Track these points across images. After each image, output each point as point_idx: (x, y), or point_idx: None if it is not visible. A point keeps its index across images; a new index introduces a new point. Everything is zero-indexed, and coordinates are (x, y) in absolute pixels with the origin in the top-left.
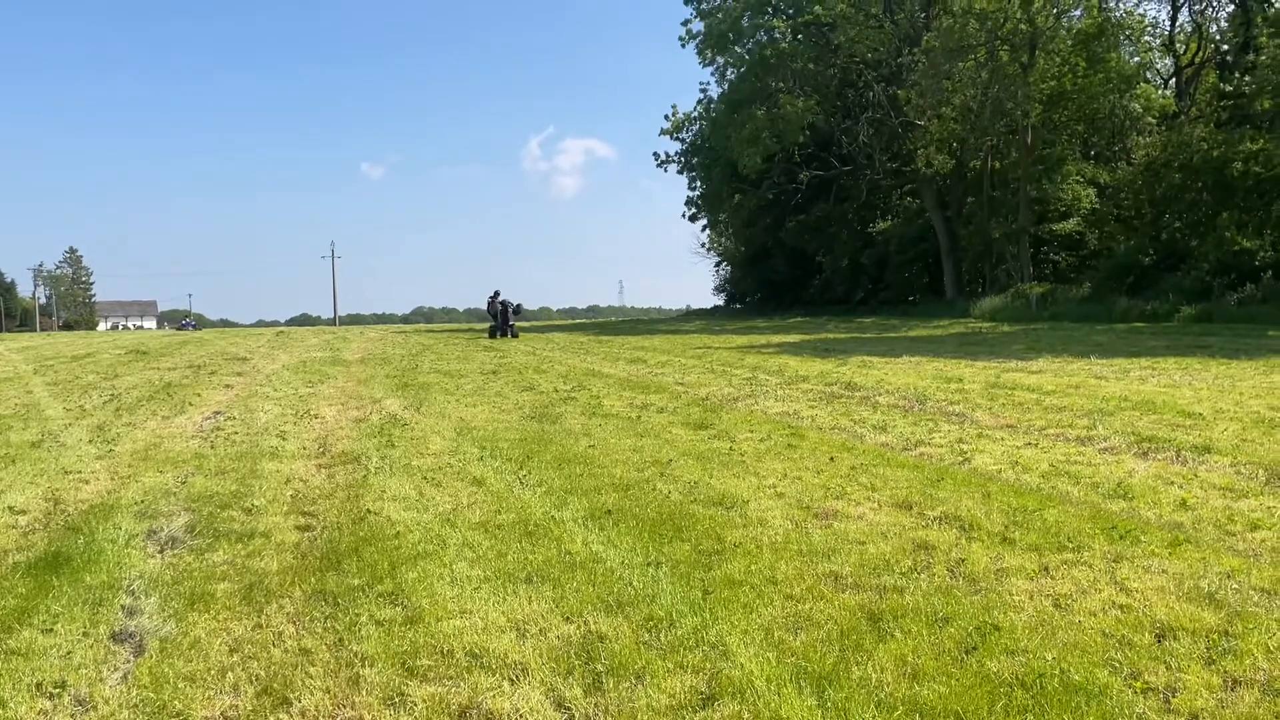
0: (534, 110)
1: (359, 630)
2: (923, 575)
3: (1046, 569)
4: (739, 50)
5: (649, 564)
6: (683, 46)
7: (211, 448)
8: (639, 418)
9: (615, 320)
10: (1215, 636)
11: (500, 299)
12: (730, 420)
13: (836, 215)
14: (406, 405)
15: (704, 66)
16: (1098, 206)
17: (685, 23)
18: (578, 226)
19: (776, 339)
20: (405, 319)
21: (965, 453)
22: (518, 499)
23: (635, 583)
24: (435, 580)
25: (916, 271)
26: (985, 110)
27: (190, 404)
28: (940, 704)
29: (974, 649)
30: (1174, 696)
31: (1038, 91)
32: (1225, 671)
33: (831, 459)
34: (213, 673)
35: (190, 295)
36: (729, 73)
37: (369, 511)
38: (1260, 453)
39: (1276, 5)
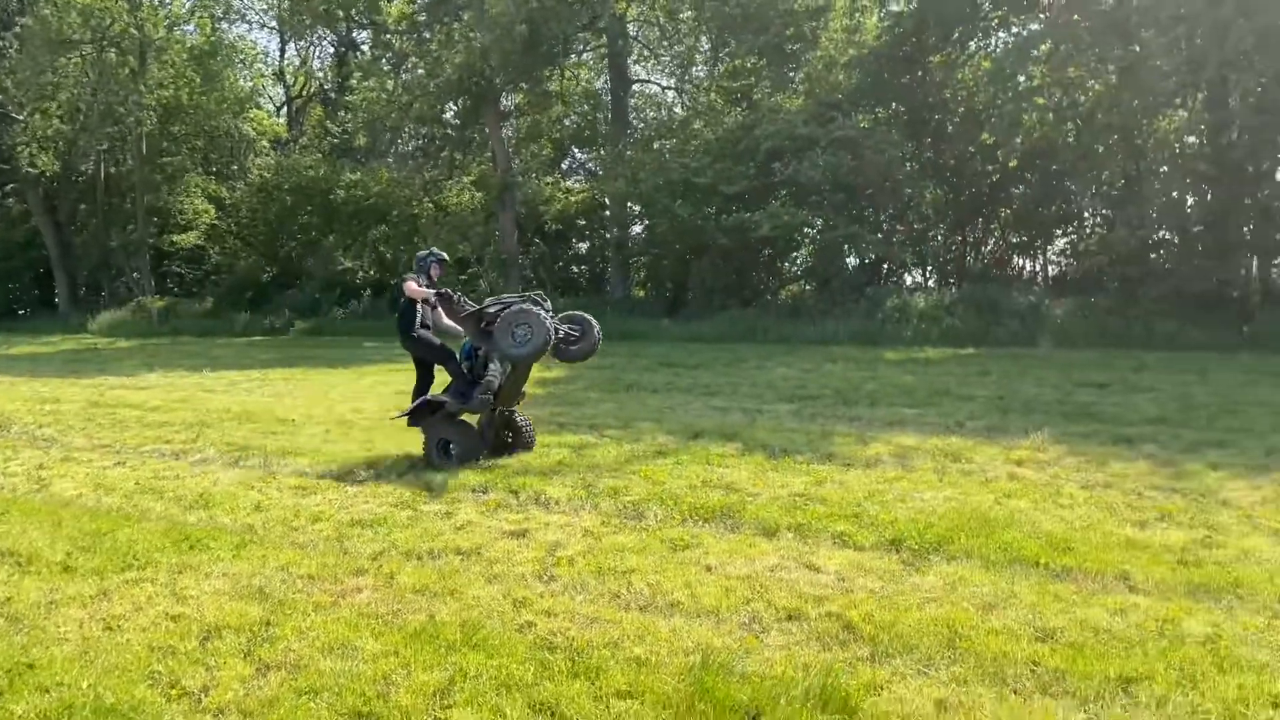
0: None
1: None
2: None
3: (106, 592)
4: None
5: None
6: None
7: None
8: None
9: None
10: (257, 628)
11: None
12: None
13: None
14: None
15: None
16: (218, 223)
17: None
18: None
19: None
20: None
21: (44, 480)
22: None
23: None
24: None
25: (26, 282)
26: (94, 112)
27: None
28: None
29: (1, 694)
30: (206, 695)
31: (152, 100)
32: (260, 660)
33: None
34: None
35: None
36: None
37: None
38: (336, 451)
39: (368, 54)
